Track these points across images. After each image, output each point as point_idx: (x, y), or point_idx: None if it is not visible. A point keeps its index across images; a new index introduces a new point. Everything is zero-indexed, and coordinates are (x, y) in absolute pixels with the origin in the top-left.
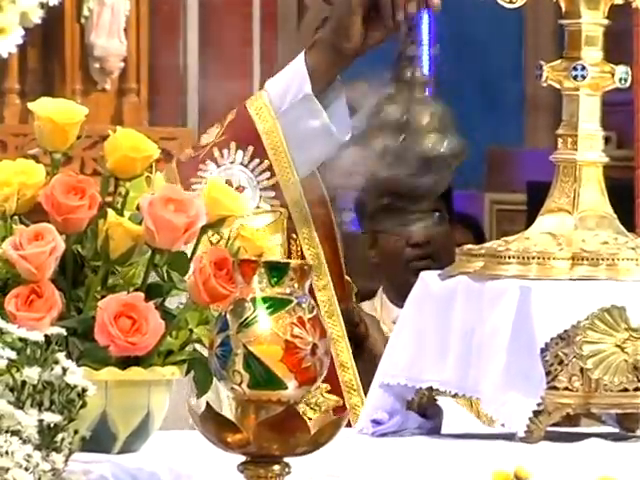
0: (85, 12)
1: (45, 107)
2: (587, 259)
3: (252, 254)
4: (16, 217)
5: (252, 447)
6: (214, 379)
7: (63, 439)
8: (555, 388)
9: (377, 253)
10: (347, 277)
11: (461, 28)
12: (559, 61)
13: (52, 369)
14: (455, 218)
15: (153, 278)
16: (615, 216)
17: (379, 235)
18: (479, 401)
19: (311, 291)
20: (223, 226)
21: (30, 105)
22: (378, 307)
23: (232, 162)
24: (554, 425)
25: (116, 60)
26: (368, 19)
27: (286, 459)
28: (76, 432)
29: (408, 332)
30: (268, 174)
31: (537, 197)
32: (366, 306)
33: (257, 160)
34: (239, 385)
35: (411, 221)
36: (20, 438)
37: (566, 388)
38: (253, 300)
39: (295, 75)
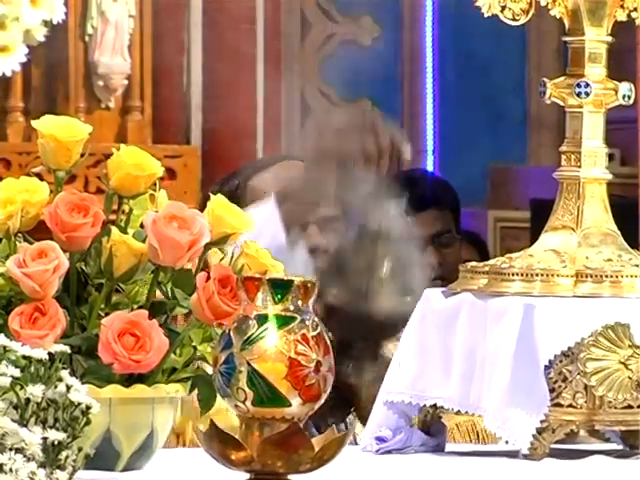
0: (89, 30)
1: (49, 125)
2: (591, 276)
3: (256, 271)
4: (20, 235)
5: (256, 464)
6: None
7: (67, 457)
8: (559, 405)
9: None
10: None
11: (464, 45)
12: (562, 78)
13: (56, 387)
14: (461, 236)
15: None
16: (619, 233)
17: None
18: (482, 418)
19: None
20: (227, 243)
21: (34, 123)
22: None
23: None
24: (558, 442)
25: (120, 78)
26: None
27: (290, 476)
28: (80, 450)
29: (412, 349)
30: None
31: (541, 214)
32: None
33: None
34: (243, 402)
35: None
36: (24, 456)
37: (570, 405)
38: (257, 317)
39: (266, 224)
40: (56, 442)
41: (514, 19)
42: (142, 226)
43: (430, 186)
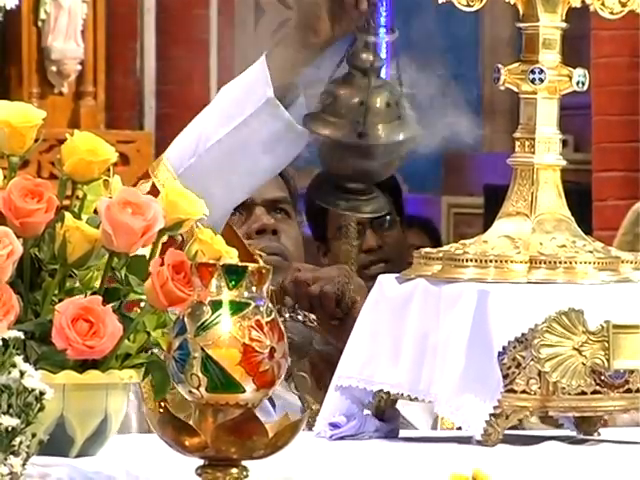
0: (42, 15)
1: (2, 111)
2: (545, 262)
3: (210, 257)
4: None
5: (210, 450)
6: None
7: (21, 443)
8: (513, 391)
9: (331, 260)
10: None
11: (417, 31)
12: (516, 64)
13: (10, 372)
14: (408, 220)
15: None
16: (573, 219)
17: (331, 242)
18: (433, 404)
19: None
20: (180, 229)
21: None
22: None
23: None
24: (511, 428)
25: (73, 63)
26: (332, 11)
27: (244, 462)
28: (34, 435)
29: (364, 335)
30: None
31: (494, 200)
32: None
33: None
34: (197, 388)
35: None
36: None
37: (524, 391)
38: (211, 303)
39: (256, 80)
40: (10, 428)
41: (468, 5)
42: (96, 212)
43: None
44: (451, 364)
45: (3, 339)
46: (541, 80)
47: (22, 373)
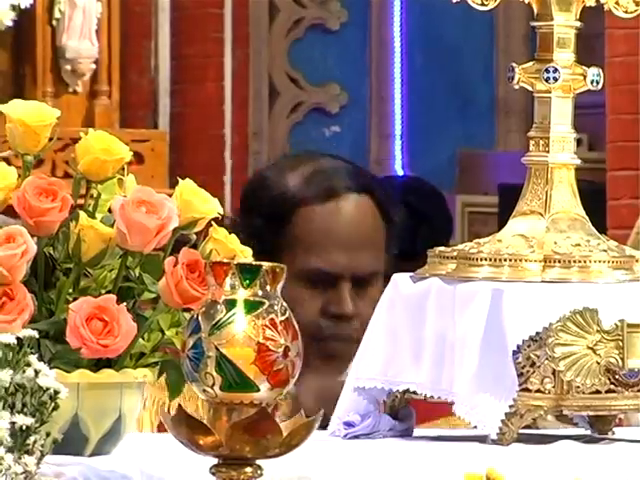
0: (57, 14)
1: (17, 109)
2: (559, 261)
3: (224, 256)
4: None
5: (224, 449)
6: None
7: (35, 442)
8: (527, 390)
9: None
10: None
11: (432, 30)
12: (531, 63)
13: (24, 371)
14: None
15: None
16: (587, 218)
17: None
18: (454, 403)
19: None
20: (195, 228)
21: (1, 107)
22: None
23: None
24: (526, 427)
25: (87, 62)
26: None
27: (258, 461)
28: (48, 434)
29: (381, 334)
30: None
31: (509, 199)
32: None
33: None
34: (211, 387)
35: None
36: None
37: (538, 390)
38: (225, 302)
39: None
40: (24, 427)
41: (483, 4)
42: (110, 211)
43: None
44: (466, 363)
45: (18, 338)
46: (555, 79)
47: (37, 372)
